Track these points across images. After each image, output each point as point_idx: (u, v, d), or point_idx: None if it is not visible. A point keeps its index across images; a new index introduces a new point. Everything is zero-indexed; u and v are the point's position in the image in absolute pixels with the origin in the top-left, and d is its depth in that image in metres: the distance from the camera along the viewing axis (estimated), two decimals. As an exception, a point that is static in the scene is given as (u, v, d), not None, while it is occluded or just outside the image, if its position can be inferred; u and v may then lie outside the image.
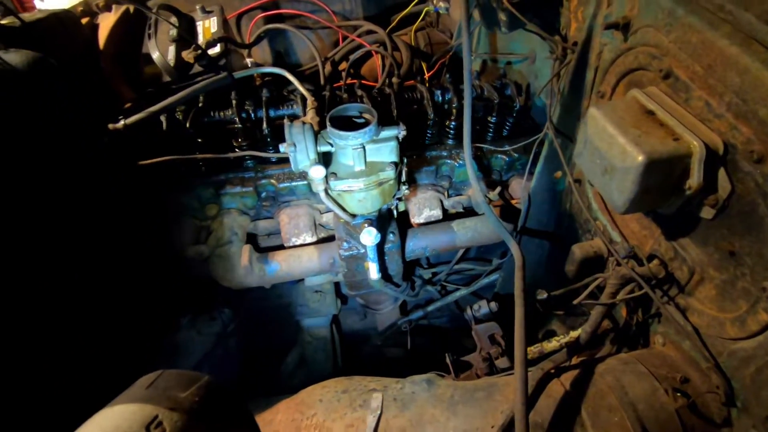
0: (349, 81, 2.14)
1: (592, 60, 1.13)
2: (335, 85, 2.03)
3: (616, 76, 1.05)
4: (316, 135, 1.18)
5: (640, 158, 0.79)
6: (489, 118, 1.72)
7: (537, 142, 1.42)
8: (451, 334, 1.95)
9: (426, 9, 2.34)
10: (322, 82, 2.04)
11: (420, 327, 1.94)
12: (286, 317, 1.91)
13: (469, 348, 1.50)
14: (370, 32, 2.33)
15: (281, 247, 1.59)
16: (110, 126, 1.42)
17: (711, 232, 0.89)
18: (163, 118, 1.54)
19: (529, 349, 1.36)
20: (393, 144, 1.23)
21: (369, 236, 1.17)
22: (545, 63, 1.78)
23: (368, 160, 1.24)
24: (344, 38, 2.37)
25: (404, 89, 1.80)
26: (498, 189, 1.57)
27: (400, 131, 1.22)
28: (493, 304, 1.48)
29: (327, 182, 1.18)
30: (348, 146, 1.15)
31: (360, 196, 1.20)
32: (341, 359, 1.83)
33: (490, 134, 1.75)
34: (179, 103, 1.45)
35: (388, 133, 1.22)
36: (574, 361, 1.08)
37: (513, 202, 1.67)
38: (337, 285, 1.84)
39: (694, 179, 0.81)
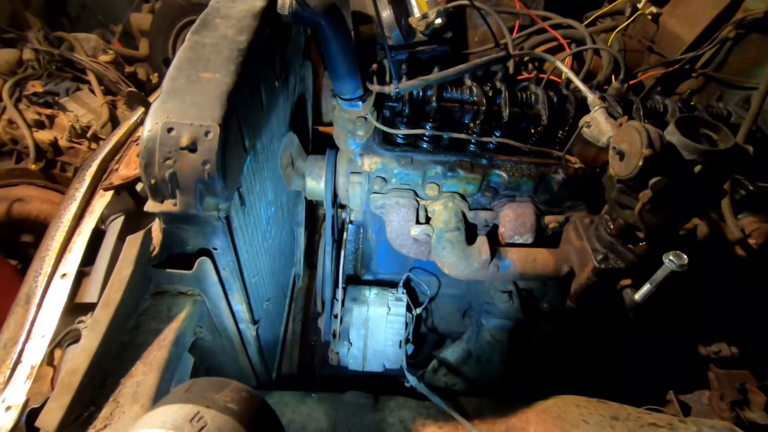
0: (528, 75, 2.02)
1: None
2: (518, 78, 1.92)
3: None
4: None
5: None
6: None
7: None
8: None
9: (639, 13, 2.17)
10: (511, 71, 1.92)
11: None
12: (458, 309, 1.85)
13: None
14: (560, 26, 2.19)
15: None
16: (375, 88, 1.35)
17: None
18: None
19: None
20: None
21: (678, 260, 1.07)
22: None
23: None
24: (521, 28, 2.23)
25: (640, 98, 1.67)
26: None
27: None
28: (734, 349, 1.39)
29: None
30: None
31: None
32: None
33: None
34: (459, 76, 1.36)
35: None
36: None
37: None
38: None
39: None
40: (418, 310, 1.68)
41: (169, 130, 0.85)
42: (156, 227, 0.94)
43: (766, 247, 1.53)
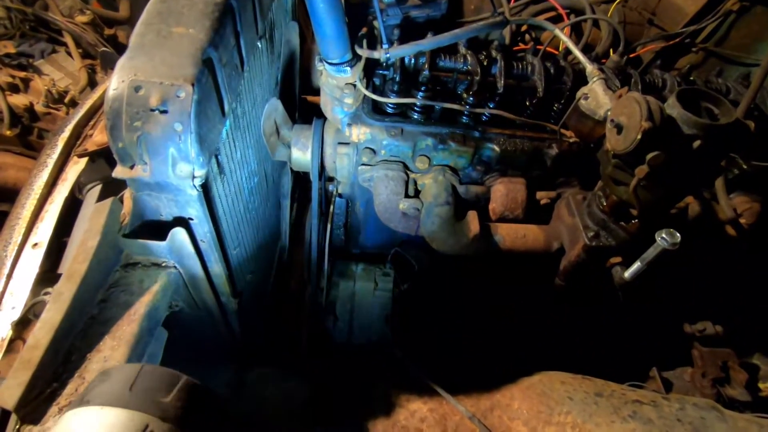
0: (524, 47, 1.94)
1: None
2: (515, 48, 1.85)
3: None
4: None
5: None
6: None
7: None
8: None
9: (641, -18, 2.09)
10: (507, 41, 1.84)
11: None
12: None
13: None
14: (560, -5, 2.10)
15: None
16: (365, 52, 1.28)
17: None
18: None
19: (764, 385, 1.28)
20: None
21: (671, 238, 1.05)
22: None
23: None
24: (520, -4, 2.13)
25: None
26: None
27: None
28: (718, 327, 1.39)
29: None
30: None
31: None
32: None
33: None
34: (454, 42, 1.29)
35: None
36: None
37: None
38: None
39: None
40: (406, 286, 1.66)
41: (137, 88, 0.78)
42: (127, 195, 0.88)
43: (756, 227, 1.52)
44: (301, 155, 1.56)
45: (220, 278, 1.08)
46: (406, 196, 1.46)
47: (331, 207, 1.61)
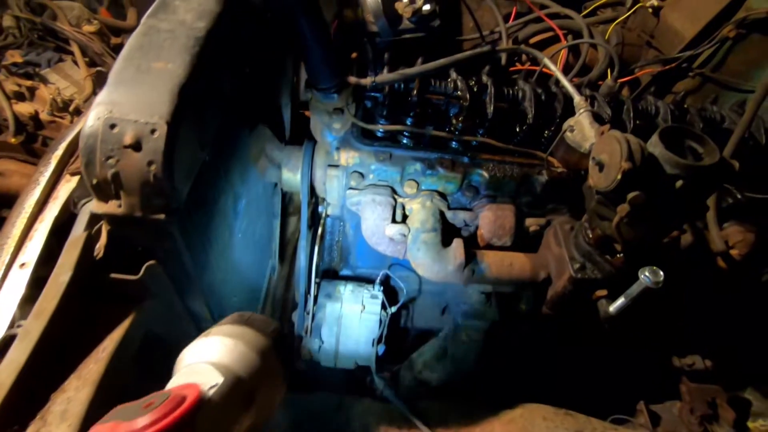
0: (523, 67, 1.93)
1: None
2: (510, 69, 1.85)
3: None
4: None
5: None
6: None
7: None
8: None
9: (639, 5, 2.08)
10: (503, 62, 1.84)
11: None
12: (434, 307, 1.82)
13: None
14: (558, 16, 2.09)
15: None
16: (352, 80, 1.28)
17: None
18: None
19: (753, 425, 1.25)
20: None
21: (654, 277, 1.03)
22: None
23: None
24: (519, 15, 2.13)
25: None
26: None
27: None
28: (708, 362, 1.36)
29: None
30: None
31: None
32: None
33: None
34: (441, 70, 1.29)
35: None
36: None
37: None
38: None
39: None
40: (393, 309, 1.65)
41: (112, 126, 0.78)
42: (104, 228, 0.89)
43: (749, 259, 1.50)
44: (292, 176, 1.57)
45: (200, 306, 1.08)
46: (394, 220, 1.46)
47: (320, 228, 1.60)
